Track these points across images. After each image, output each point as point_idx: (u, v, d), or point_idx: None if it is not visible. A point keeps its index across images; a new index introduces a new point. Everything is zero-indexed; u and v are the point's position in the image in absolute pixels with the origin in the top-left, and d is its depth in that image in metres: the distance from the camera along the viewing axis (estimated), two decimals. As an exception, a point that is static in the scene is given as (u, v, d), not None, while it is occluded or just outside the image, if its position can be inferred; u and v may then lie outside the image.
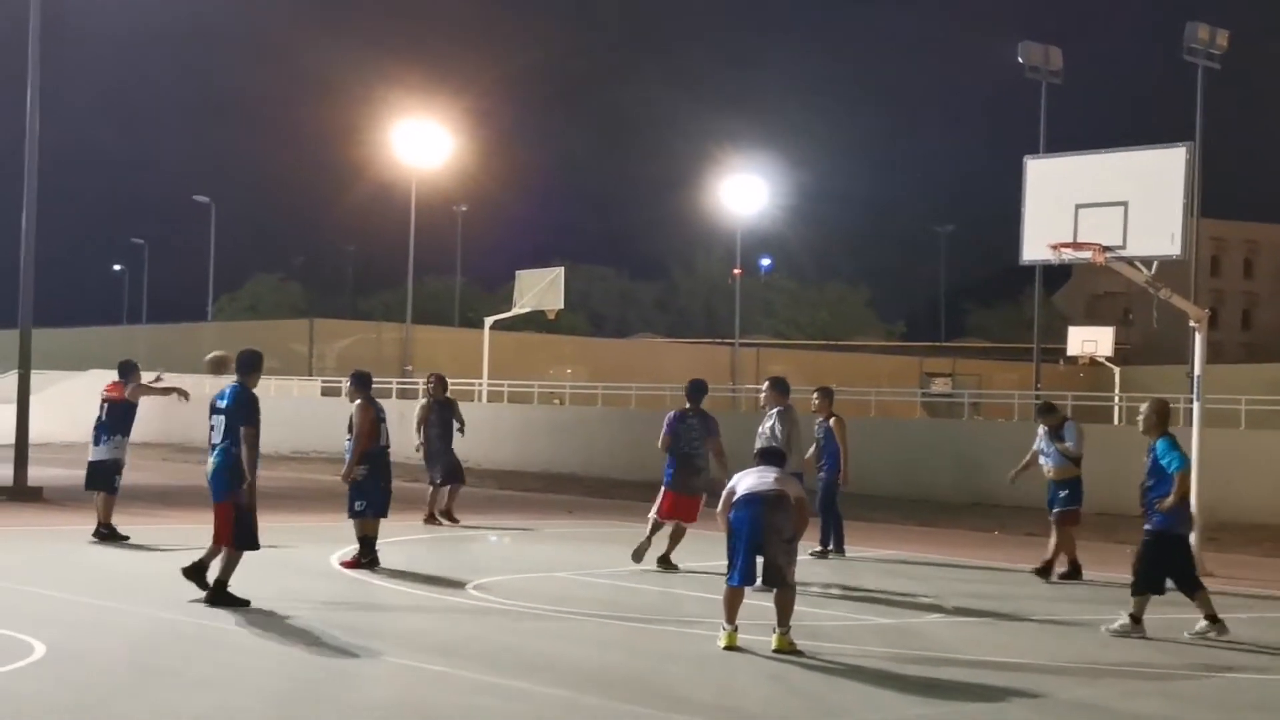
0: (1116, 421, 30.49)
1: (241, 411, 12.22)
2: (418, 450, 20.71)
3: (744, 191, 55.13)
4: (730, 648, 10.54)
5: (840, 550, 17.25)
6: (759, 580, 10.85)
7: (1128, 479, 18.02)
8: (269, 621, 11.28)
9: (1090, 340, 50.03)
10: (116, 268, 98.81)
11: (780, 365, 67.66)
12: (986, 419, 39.33)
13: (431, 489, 20.43)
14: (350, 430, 15.29)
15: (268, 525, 19.54)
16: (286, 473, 31.97)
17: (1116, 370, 48.44)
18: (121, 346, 56.45)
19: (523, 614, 12.20)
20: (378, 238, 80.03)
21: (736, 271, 58.69)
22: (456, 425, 20.77)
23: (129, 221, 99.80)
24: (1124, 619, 11.87)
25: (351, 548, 15.25)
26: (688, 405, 15.94)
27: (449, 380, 21.58)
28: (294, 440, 40.40)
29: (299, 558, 15.89)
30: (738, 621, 10.71)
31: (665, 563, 15.42)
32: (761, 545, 10.70)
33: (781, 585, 10.67)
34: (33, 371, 24.46)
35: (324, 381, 45.66)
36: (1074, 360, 52.57)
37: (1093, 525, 19.14)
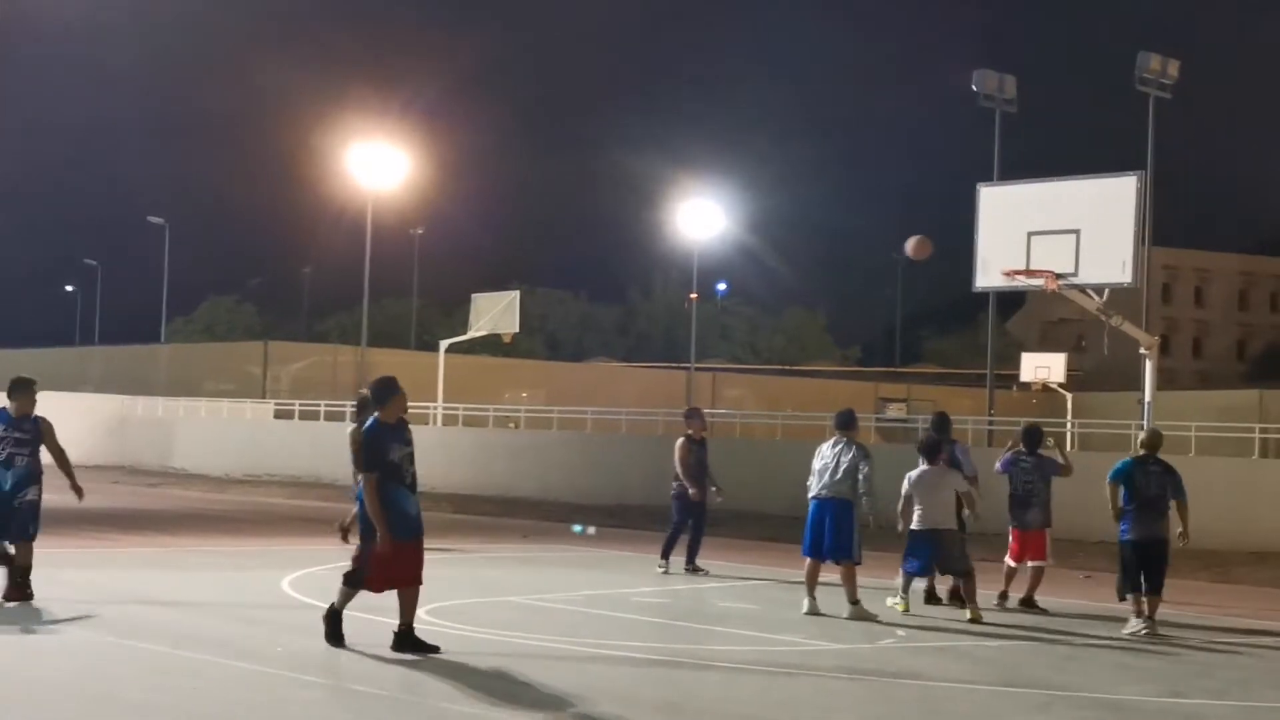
0: (1070, 447, 30.66)
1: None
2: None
3: (701, 216, 55.26)
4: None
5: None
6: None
7: (1082, 504, 18.24)
8: (220, 650, 11.17)
9: (1043, 366, 50.31)
10: (69, 289, 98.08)
11: (737, 390, 67.90)
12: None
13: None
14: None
15: (228, 550, 19.50)
16: (239, 496, 31.77)
17: (1069, 396, 48.75)
18: (75, 368, 56.08)
19: (477, 639, 12.15)
20: (333, 260, 79.74)
21: (693, 296, 58.77)
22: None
23: (82, 243, 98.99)
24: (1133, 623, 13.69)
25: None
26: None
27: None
28: (247, 464, 40.19)
29: (251, 581, 15.79)
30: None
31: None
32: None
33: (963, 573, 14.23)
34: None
35: (277, 404, 45.43)
36: (1027, 386, 52.88)
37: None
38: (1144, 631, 13.55)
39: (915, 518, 14.33)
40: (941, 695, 10.37)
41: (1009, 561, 15.52)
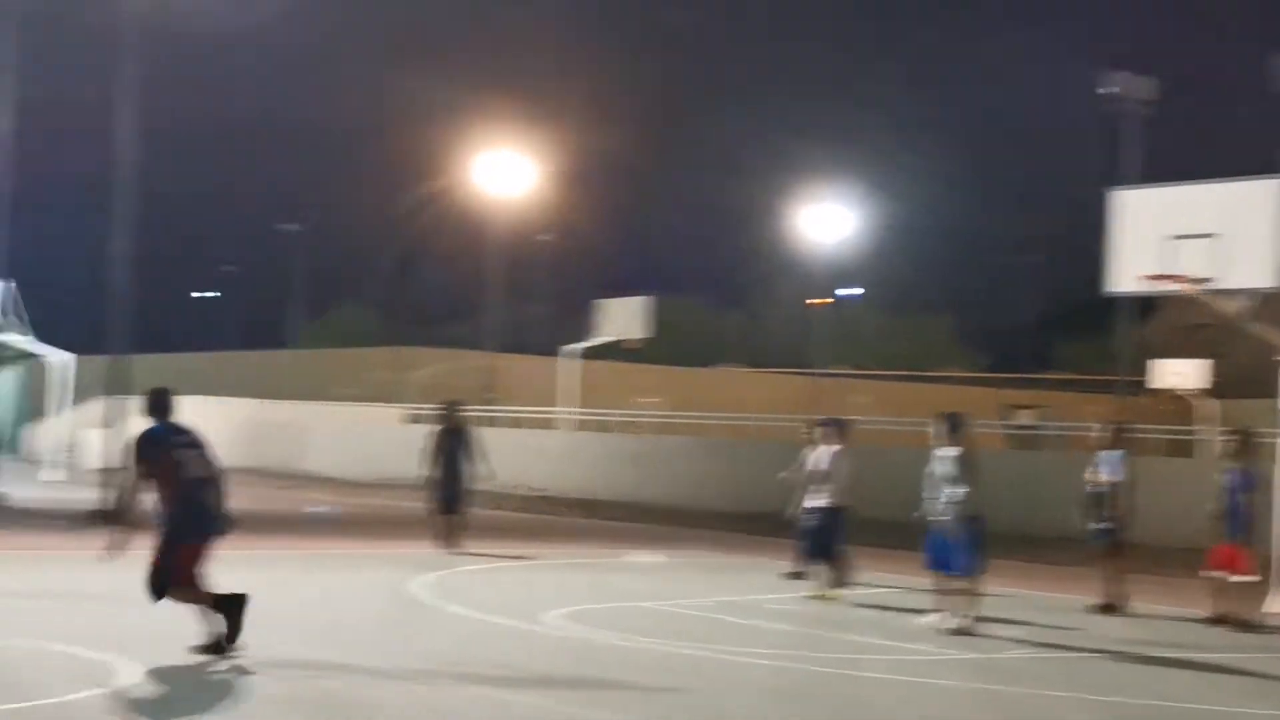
0: (1199, 455, 30.02)
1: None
2: (425, 479, 19.87)
3: (829, 220, 54.97)
4: None
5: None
6: None
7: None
8: (347, 653, 11.33)
9: (1178, 373, 49.31)
10: (209, 295, 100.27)
11: (862, 396, 67.30)
12: (1068, 451, 38.89)
13: (436, 518, 19.84)
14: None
15: (360, 554, 19.79)
16: (366, 499, 32.20)
17: (1195, 404, 47.71)
18: (212, 373, 57.29)
19: (602, 644, 12.20)
20: (462, 266, 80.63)
21: (818, 301, 58.49)
22: (467, 453, 19.98)
23: (221, 249, 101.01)
24: None
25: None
26: None
27: (469, 405, 20.78)
28: (376, 468, 40.73)
29: (378, 583, 16.02)
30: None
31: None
32: None
33: None
34: (127, 397, 24.84)
35: (406, 409, 45.98)
36: (1159, 393, 51.85)
37: (1167, 559, 18.84)
38: None
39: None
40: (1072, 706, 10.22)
41: (1226, 575, 14.94)
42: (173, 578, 10.50)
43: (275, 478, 40.40)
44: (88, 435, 41.26)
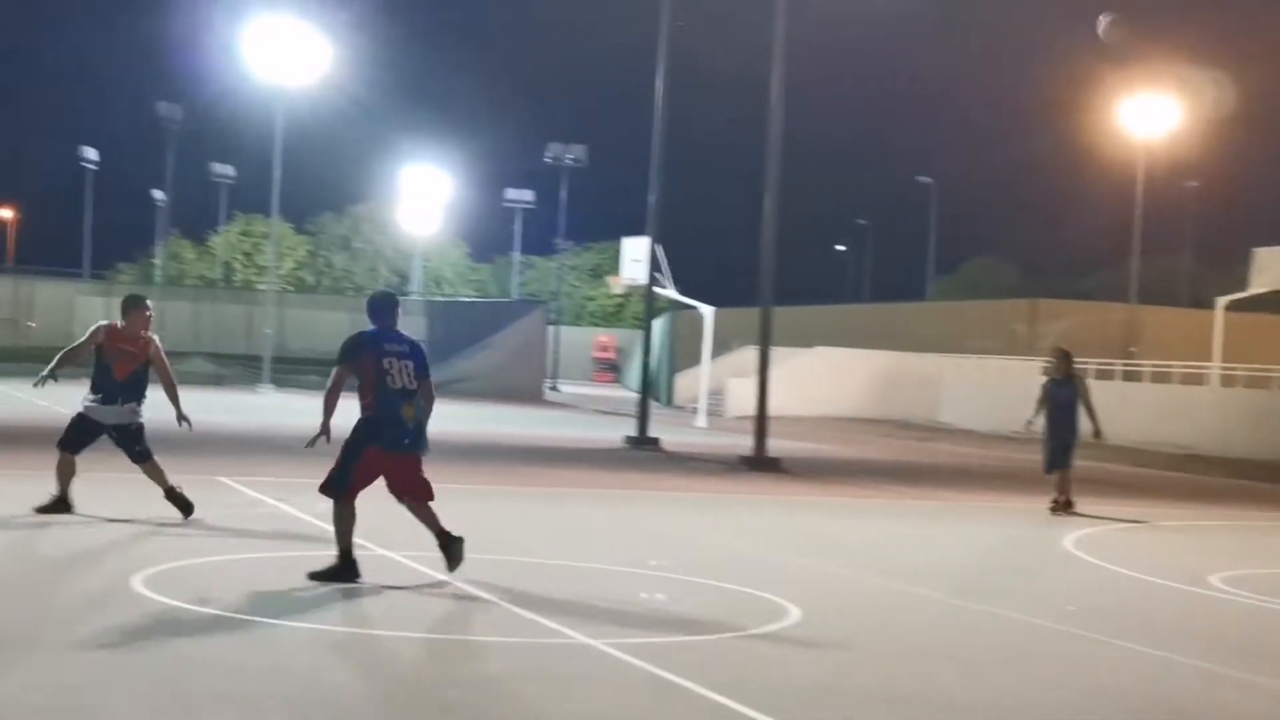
0: None
1: None
2: (1027, 427, 18.83)
3: None
4: None
5: None
6: None
7: None
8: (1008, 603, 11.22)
9: None
10: (839, 248, 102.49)
11: None
12: None
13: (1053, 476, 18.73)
14: None
15: (1003, 505, 19.67)
16: (1005, 452, 31.84)
17: None
18: (841, 324, 58.56)
19: (1269, 610, 11.49)
20: (1100, 215, 78.08)
21: None
22: (1081, 407, 18.58)
23: (854, 203, 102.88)
24: None
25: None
26: None
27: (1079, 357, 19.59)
28: (1011, 422, 40.23)
29: (1031, 538, 15.80)
30: None
31: None
32: None
33: None
34: (770, 348, 25.77)
35: (1044, 362, 45.10)
36: None
37: None
38: None
39: None
40: None
41: None
42: (345, 481, 10.22)
43: (909, 429, 40.81)
44: (732, 384, 43.32)
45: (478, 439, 25.92)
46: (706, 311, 38.41)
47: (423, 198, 70.99)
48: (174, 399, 12.85)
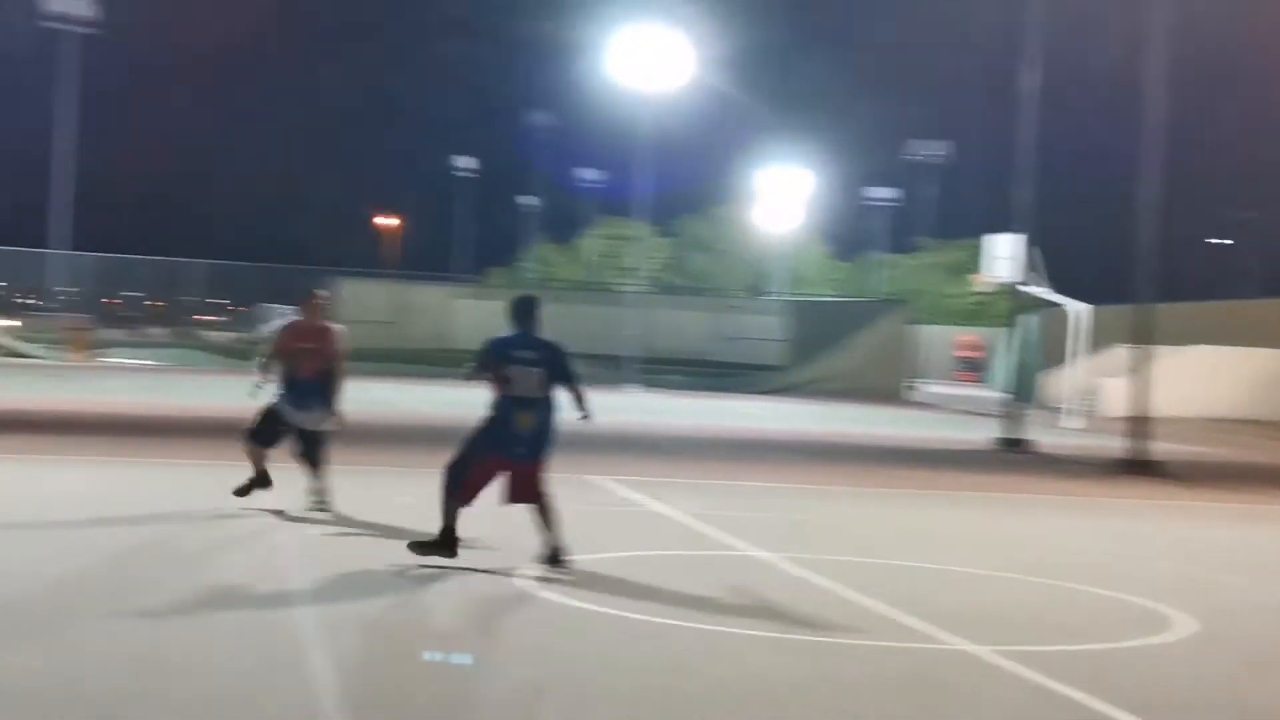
0: None
1: None
2: None
3: None
4: None
5: None
6: None
7: None
8: None
9: None
10: (1224, 242, 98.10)
11: None
12: None
13: None
14: None
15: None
16: None
17: None
18: (1226, 321, 55.54)
19: None
20: None
21: None
22: None
23: (1242, 194, 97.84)
24: None
25: None
26: None
27: None
28: None
29: None
30: None
31: None
32: None
33: None
34: (1148, 346, 24.73)
35: None
36: None
37: None
38: None
39: None
40: None
41: None
42: (459, 481, 10.13)
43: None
44: (1106, 384, 41.67)
45: (856, 440, 25.67)
46: (1079, 309, 37.13)
47: (783, 196, 71.21)
48: (332, 394, 12.33)
